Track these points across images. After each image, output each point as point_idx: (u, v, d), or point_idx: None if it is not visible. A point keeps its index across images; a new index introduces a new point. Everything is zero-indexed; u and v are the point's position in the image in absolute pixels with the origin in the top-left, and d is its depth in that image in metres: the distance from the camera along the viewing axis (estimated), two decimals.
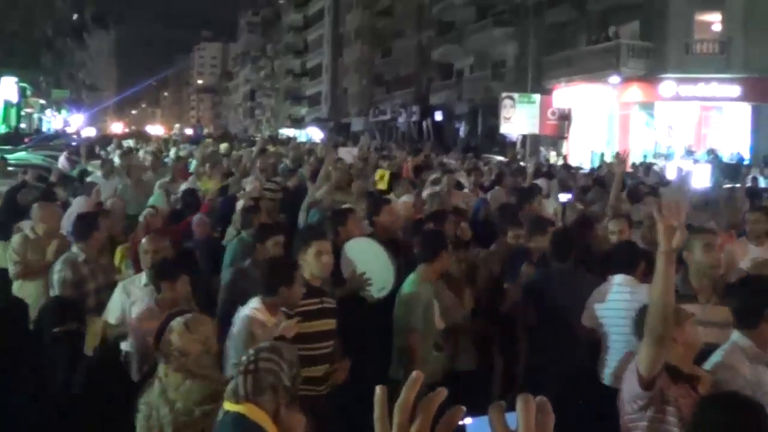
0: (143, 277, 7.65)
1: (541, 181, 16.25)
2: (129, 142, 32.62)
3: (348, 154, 22.42)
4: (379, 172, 13.92)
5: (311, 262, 6.84)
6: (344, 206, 10.62)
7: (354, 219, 9.09)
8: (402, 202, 11.73)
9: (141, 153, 24.27)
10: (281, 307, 6.40)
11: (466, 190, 14.79)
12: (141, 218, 10.82)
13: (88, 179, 15.83)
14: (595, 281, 7.70)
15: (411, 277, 7.67)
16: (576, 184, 16.82)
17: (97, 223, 8.50)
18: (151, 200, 11.86)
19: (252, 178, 14.21)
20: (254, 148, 24.72)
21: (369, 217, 9.95)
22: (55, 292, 7.89)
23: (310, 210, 11.36)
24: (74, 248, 8.28)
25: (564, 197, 12.73)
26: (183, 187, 14.25)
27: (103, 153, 24.94)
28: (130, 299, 7.46)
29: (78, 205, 11.44)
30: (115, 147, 26.78)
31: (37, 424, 5.29)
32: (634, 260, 7.48)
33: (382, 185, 13.91)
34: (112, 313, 7.49)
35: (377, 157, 22.41)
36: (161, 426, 4.99)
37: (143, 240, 8.18)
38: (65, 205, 12.04)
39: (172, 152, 26.91)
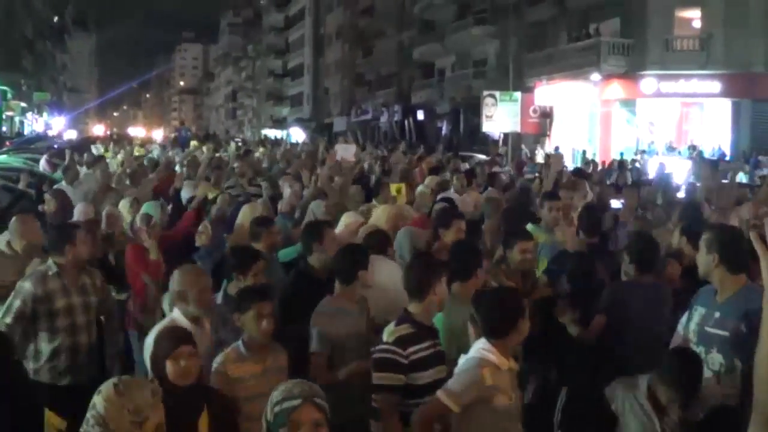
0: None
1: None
2: (99, 147, 30.95)
3: (346, 151, 21.43)
4: (394, 187, 12.36)
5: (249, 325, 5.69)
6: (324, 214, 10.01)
7: (331, 234, 7.88)
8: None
9: (119, 157, 23.87)
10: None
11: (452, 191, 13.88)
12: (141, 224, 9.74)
13: (55, 186, 14.44)
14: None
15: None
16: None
17: (72, 235, 7.33)
18: (144, 209, 10.54)
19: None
20: (229, 149, 24.42)
21: None
22: (13, 303, 6.86)
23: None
24: (49, 261, 7.25)
25: (616, 203, 11.76)
26: (184, 193, 13.68)
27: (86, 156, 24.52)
28: None
29: (78, 213, 10.73)
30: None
31: None
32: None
33: (401, 200, 12.39)
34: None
35: (373, 158, 21.59)
36: None
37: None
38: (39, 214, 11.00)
39: (155, 152, 26.74)
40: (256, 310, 5.57)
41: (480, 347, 5.21)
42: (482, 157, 31.96)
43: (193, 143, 33.49)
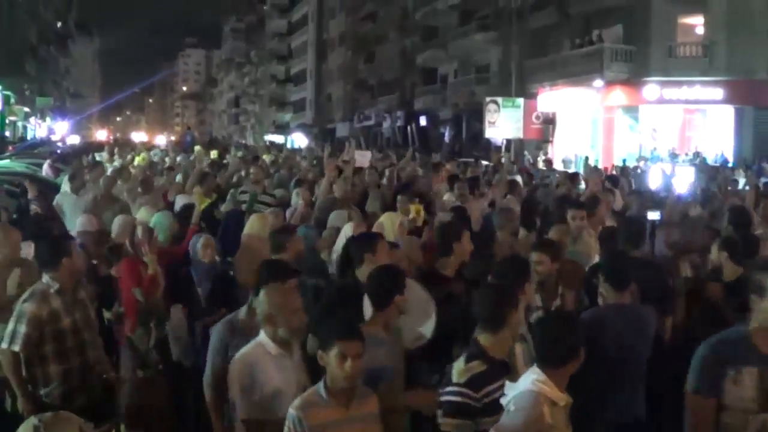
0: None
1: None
2: (103, 154, 29.84)
3: (363, 157, 19.71)
4: (413, 208, 11.15)
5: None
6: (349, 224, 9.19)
7: (384, 246, 7.28)
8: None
9: (117, 162, 23.16)
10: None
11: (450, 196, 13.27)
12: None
13: (59, 194, 13.89)
14: None
15: None
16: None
17: (68, 248, 6.91)
18: (154, 219, 9.95)
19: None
20: (235, 155, 23.94)
21: None
22: (19, 329, 6.49)
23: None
24: (44, 278, 6.79)
25: (654, 215, 10.64)
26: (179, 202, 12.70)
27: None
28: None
29: (83, 224, 10.13)
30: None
31: None
32: None
33: (421, 221, 11.35)
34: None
35: (385, 165, 19.91)
36: None
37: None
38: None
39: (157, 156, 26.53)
40: (340, 348, 4.88)
41: (534, 378, 4.69)
42: (485, 163, 31.82)
43: (198, 149, 32.91)
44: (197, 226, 10.53)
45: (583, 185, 15.92)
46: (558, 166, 36.15)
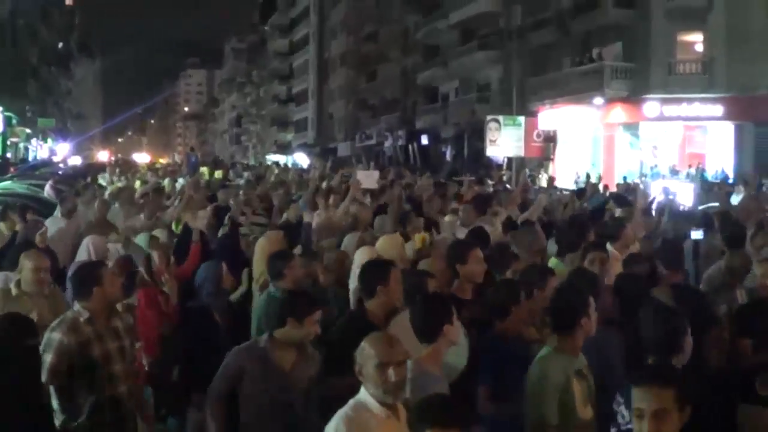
0: None
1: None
2: (105, 176, 28.27)
3: (368, 178, 18.64)
4: (418, 237, 10.29)
5: None
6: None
7: (397, 275, 6.67)
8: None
9: (119, 184, 22.70)
10: None
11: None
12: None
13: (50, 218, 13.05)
14: None
15: (542, 353, 5.66)
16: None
17: (100, 276, 6.53)
18: (138, 241, 9.61)
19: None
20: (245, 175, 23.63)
21: None
22: (45, 359, 6.07)
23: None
24: (76, 306, 6.46)
25: (697, 234, 10.21)
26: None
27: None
28: None
29: (92, 251, 9.57)
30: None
31: None
32: None
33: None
34: None
35: (400, 186, 18.51)
36: None
37: None
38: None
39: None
40: None
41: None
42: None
43: (203, 169, 32.48)
44: (199, 244, 10.27)
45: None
46: (566, 184, 36.04)
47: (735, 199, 17.79)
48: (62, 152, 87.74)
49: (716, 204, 16.11)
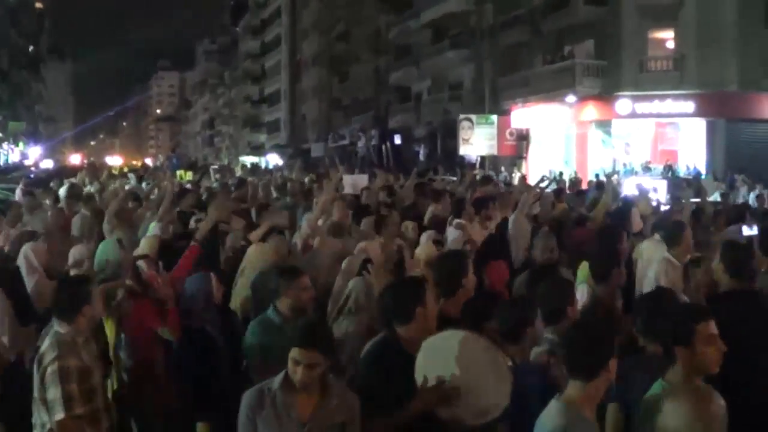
0: None
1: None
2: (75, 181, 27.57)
3: (359, 181, 17.81)
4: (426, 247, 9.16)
5: None
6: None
7: (432, 291, 5.70)
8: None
9: (92, 188, 21.89)
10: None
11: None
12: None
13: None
14: None
15: (656, 386, 4.81)
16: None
17: (89, 294, 5.79)
18: (100, 249, 8.40)
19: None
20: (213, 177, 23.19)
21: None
22: (70, 390, 5.43)
23: None
24: (62, 328, 5.66)
25: (748, 231, 9.51)
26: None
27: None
28: None
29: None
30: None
31: None
32: None
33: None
34: None
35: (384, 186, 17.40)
36: None
37: None
38: None
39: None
40: None
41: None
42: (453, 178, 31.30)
43: (179, 172, 31.85)
44: (198, 243, 8.60)
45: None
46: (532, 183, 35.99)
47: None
48: (34, 156, 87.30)
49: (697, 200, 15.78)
